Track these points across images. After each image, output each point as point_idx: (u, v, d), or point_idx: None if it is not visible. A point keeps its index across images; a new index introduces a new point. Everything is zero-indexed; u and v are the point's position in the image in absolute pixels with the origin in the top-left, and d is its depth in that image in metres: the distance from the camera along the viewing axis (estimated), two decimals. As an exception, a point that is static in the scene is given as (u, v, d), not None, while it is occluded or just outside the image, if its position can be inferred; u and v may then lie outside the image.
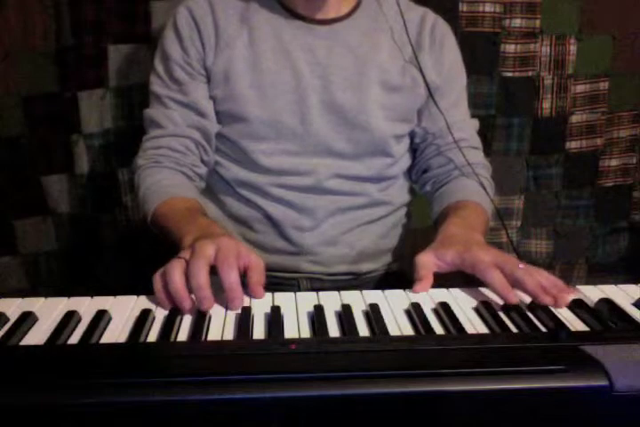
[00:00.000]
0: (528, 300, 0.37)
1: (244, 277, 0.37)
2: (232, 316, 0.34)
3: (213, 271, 0.35)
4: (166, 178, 0.50)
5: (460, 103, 0.57)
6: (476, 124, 0.58)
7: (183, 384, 0.25)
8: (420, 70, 0.52)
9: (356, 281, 0.55)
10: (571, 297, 0.37)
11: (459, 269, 0.41)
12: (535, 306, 0.36)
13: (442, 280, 0.40)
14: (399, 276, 0.59)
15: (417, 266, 0.41)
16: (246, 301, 0.36)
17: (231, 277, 0.34)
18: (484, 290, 0.39)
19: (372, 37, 0.52)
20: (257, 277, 0.36)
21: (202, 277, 0.34)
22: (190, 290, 0.35)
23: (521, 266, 0.38)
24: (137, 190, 0.51)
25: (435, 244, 0.43)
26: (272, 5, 0.52)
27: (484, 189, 0.52)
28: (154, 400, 0.25)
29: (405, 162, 0.57)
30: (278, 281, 0.53)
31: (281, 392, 0.25)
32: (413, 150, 0.58)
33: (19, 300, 0.36)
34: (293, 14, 0.51)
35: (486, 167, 0.57)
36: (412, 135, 0.56)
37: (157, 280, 0.35)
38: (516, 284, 0.38)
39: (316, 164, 0.52)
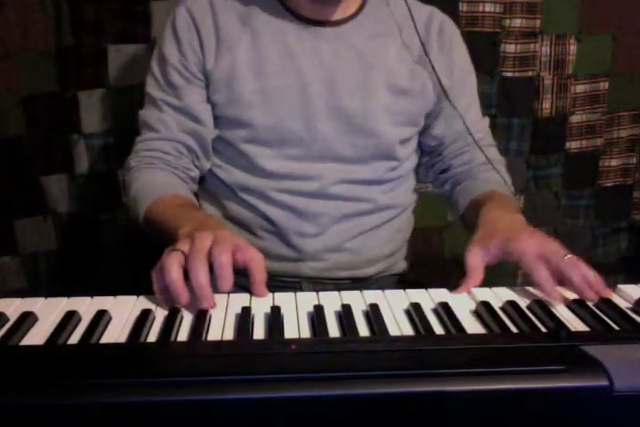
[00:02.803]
0: (529, 299, 0.37)
1: (243, 274, 0.36)
2: (232, 316, 0.34)
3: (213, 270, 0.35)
4: (159, 177, 0.49)
5: (473, 104, 0.56)
6: (488, 121, 0.58)
7: (183, 384, 0.25)
8: (434, 70, 0.51)
9: (358, 284, 0.55)
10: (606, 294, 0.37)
11: (504, 260, 0.40)
12: (535, 306, 0.36)
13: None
14: (402, 277, 0.59)
15: (467, 265, 0.40)
16: (246, 301, 0.36)
17: (222, 259, 0.34)
18: (483, 290, 0.39)
19: (378, 39, 0.51)
20: (259, 274, 0.36)
21: (202, 276, 0.33)
22: (189, 284, 0.34)
23: (568, 256, 0.38)
24: (128, 190, 0.50)
25: (478, 234, 0.41)
26: (274, 7, 0.51)
27: (506, 182, 0.53)
28: (154, 400, 0.25)
29: (410, 163, 0.56)
30: (280, 284, 0.52)
31: (281, 392, 0.25)
32: (429, 152, 0.58)
33: (19, 300, 0.36)
34: (297, 16, 0.50)
35: (503, 163, 0.57)
36: (426, 139, 0.56)
37: (155, 277, 0.35)
38: (560, 276, 0.38)
39: (322, 169, 0.51)
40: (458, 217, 0.55)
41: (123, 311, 0.35)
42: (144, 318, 0.33)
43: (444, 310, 0.35)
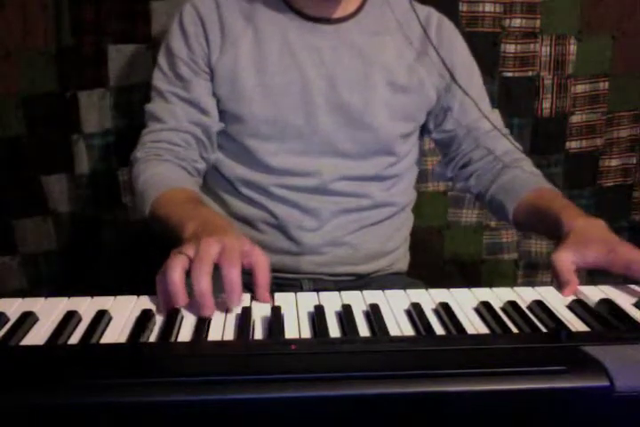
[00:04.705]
0: (530, 300, 0.37)
1: (248, 274, 0.36)
2: (232, 316, 0.34)
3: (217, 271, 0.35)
4: (166, 170, 0.49)
5: (482, 96, 0.56)
6: (498, 112, 0.58)
7: (183, 385, 0.25)
8: (440, 57, 0.51)
9: (358, 282, 0.55)
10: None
11: (601, 268, 0.39)
12: (535, 306, 0.36)
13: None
14: (402, 276, 0.59)
15: (557, 268, 0.39)
16: (247, 301, 0.36)
17: (232, 276, 0.34)
18: (483, 290, 0.39)
19: (378, 36, 0.52)
20: (263, 281, 0.36)
21: (204, 283, 0.33)
22: (190, 289, 0.34)
23: None
24: (135, 183, 0.49)
25: (569, 241, 0.40)
26: (277, 5, 0.51)
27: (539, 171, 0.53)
28: (154, 401, 0.25)
29: (409, 160, 0.56)
30: (281, 282, 0.53)
31: (281, 393, 0.25)
32: (445, 147, 0.57)
33: (19, 300, 0.36)
34: (299, 14, 0.51)
35: (521, 150, 0.56)
36: (439, 135, 0.56)
37: (159, 279, 0.35)
38: None
39: (322, 164, 0.51)
40: (505, 219, 0.53)
41: (123, 311, 0.35)
42: (144, 318, 0.33)
43: (445, 311, 0.35)
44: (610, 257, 0.39)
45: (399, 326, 0.33)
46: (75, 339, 0.32)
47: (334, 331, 0.33)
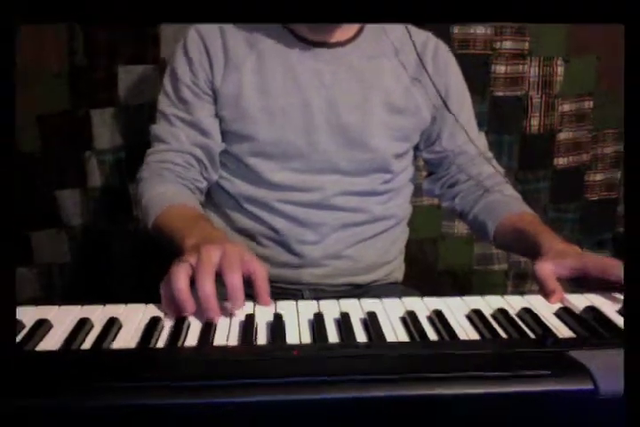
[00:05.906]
0: (519, 307, 0.39)
1: (248, 283, 0.38)
2: (237, 323, 0.36)
3: (219, 279, 0.36)
4: (169, 189, 0.51)
5: (471, 121, 0.59)
6: (484, 137, 0.60)
7: (190, 388, 0.26)
8: (432, 82, 0.53)
9: (357, 291, 0.57)
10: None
11: (579, 274, 0.41)
12: (524, 313, 0.37)
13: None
14: (398, 285, 0.61)
15: (540, 277, 0.40)
16: (250, 308, 0.37)
17: (234, 281, 0.35)
18: (475, 298, 0.40)
19: (375, 60, 0.54)
20: (263, 285, 0.37)
21: (208, 287, 0.34)
22: (195, 296, 0.35)
23: None
24: (139, 201, 0.52)
25: (549, 255, 0.42)
26: (278, 31, 0.54)
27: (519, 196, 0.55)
28: (162, 403, 0.26)
29: (404, 176, 0.58)
30: (282, 291, 0.54)
31: (284, 395, 0.26)
32: (435, 167, 0.60)
33: (34, 308, 0.37)
34: (299, 39, 0.53)
35: (503, 174, 0.59)
36: (430, 155, 0.58)
37: (163, 289, 0.36)
38: None
39: (323, 181, 0.53)
40: (485, 237, 0.55)
41: (133, 318, 0.36)
42: (153, 324, 0.34)
43: (438, 318, 0.36)
44: (587, 264, 0.41)
45: (395, 332, 0.35)
46: (87, 344, 0.33)
47: (333, 337, 0.34)
